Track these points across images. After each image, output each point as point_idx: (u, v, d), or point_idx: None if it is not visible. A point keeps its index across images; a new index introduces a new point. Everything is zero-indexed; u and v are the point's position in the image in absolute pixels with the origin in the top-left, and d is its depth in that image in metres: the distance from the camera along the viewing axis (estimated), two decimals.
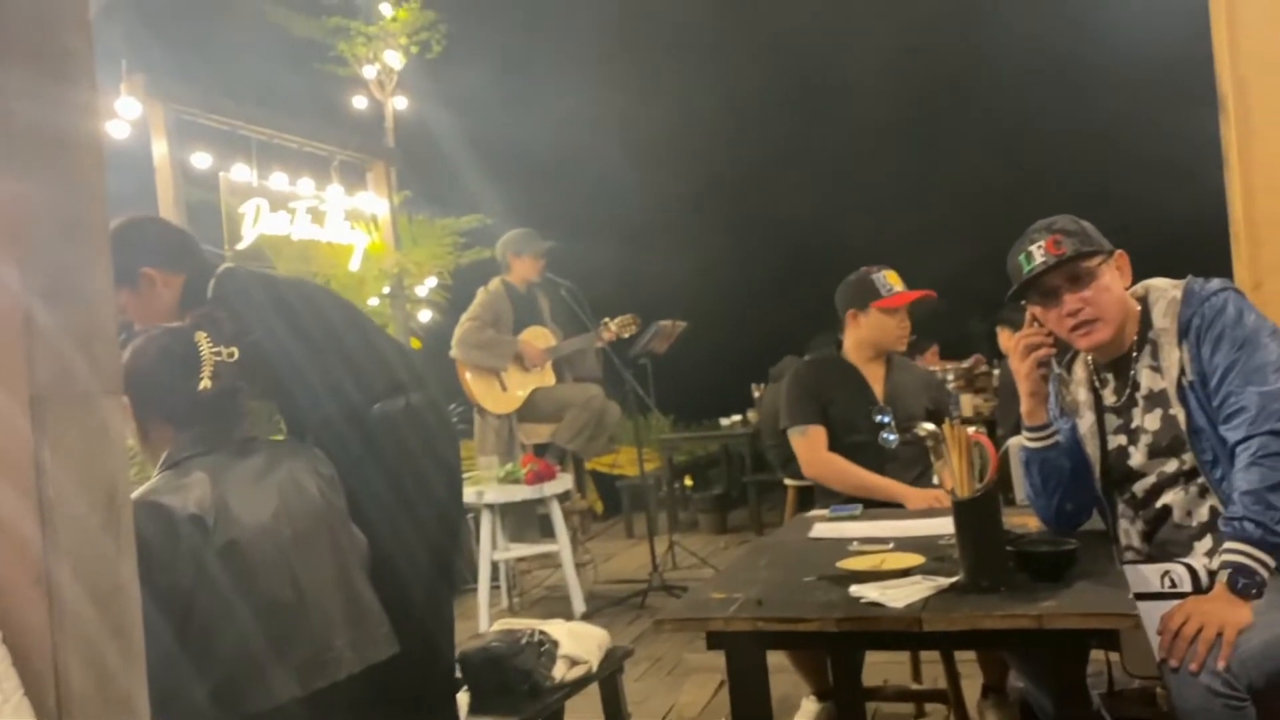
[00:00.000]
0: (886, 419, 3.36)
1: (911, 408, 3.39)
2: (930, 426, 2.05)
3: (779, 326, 8.05)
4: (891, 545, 2.39)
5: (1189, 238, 3.16)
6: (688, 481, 8.89)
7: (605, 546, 7.28)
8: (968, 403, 6.69)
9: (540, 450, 5.77)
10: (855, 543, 2.48)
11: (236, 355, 1.94)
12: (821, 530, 2.77)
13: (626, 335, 5.77)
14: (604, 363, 6.01)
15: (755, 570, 2.31)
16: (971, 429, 2.02)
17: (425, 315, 6.55)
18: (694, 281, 9.79)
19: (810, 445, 3.35)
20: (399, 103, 6.68)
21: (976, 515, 1.96)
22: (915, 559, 2.14)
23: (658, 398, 6.45)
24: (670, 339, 5.82)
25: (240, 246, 4.95)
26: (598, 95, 9.35)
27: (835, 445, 3.35)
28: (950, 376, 6.84)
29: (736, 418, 8.22)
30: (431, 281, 6.48)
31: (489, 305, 5.70)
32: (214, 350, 1.91)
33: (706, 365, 8.87)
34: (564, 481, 5.30)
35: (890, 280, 3.40)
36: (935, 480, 2.82)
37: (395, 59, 6.66)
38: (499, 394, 5.69)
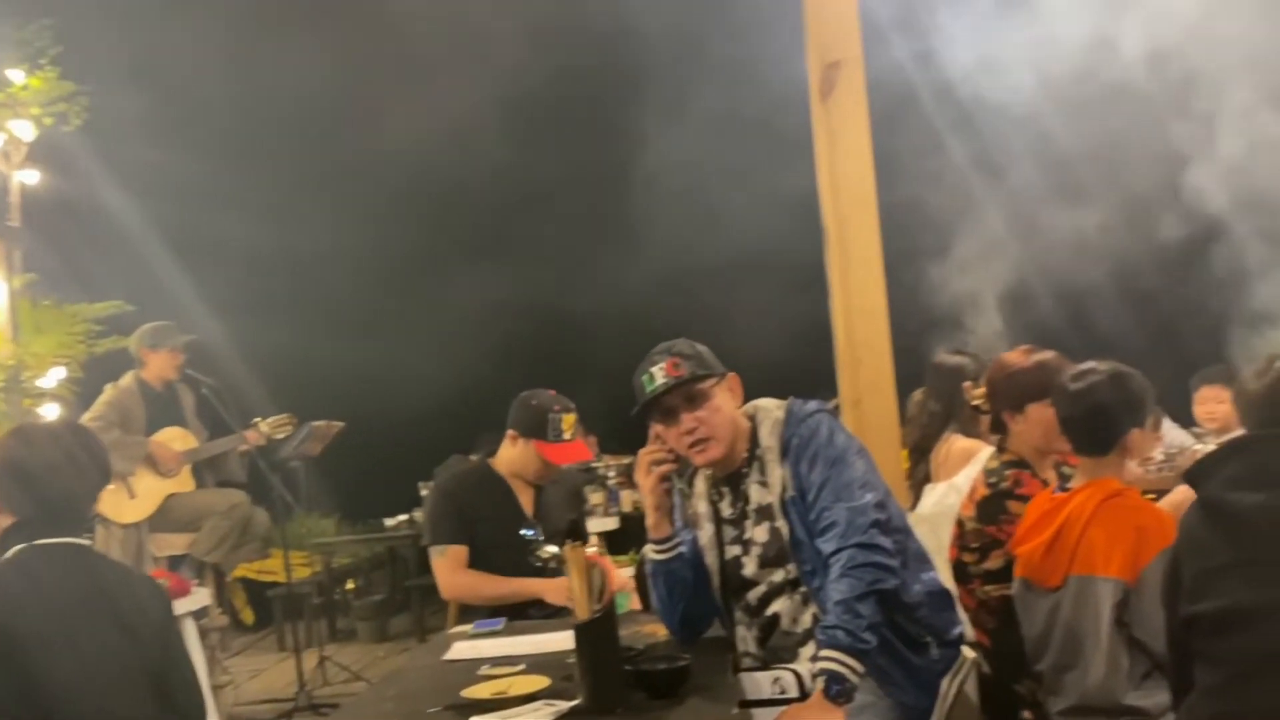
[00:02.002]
0: (535, 535, 3.32)
1: (560, 523, 3.40)
2: (551, 549, 2.07)
3: (449, 422, 7.95)
4: (523, 666, 2.36)
5: (822, 355, 3.44)
6: (350, 586, 8.47)
7: (252, 662, 6.75)
8: (628, 498, 6.87)
9: (175, 563, 5.27)
10: (487, 665, 2.43)
11: None
12: (459, 650, 2.70)
13: (280, 436, 5.45)
14: (252, 466, 5.64)
15: (381, 704, 2.21)
16: (591, 549, 2.05)
17: (52, 410, 5.86)
18: (367, 375, 9.48)
19: (448, 566, 3.27)
20: (28, 176, 6.03)
21: (594, 637, 1.97)
22: (541, 682, 2.12)
23: (321, 497, 6.13)
24: (326, 440, 5.57)
25: None
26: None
27: (485, 564, 3.28)
28: (612, 472, 7.01)
29: (402, 517, 7.95)
30: (60, 373, 5.82)
31: (116, 404, 5.19)
32: None
33: (375, 463, 8.57)
34: (199, 597, 4.85)
35: (565, 426, 3.34)
36: None
37: (26, 130, 6.02)
38: (125, 501, 5.16)
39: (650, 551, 2.43)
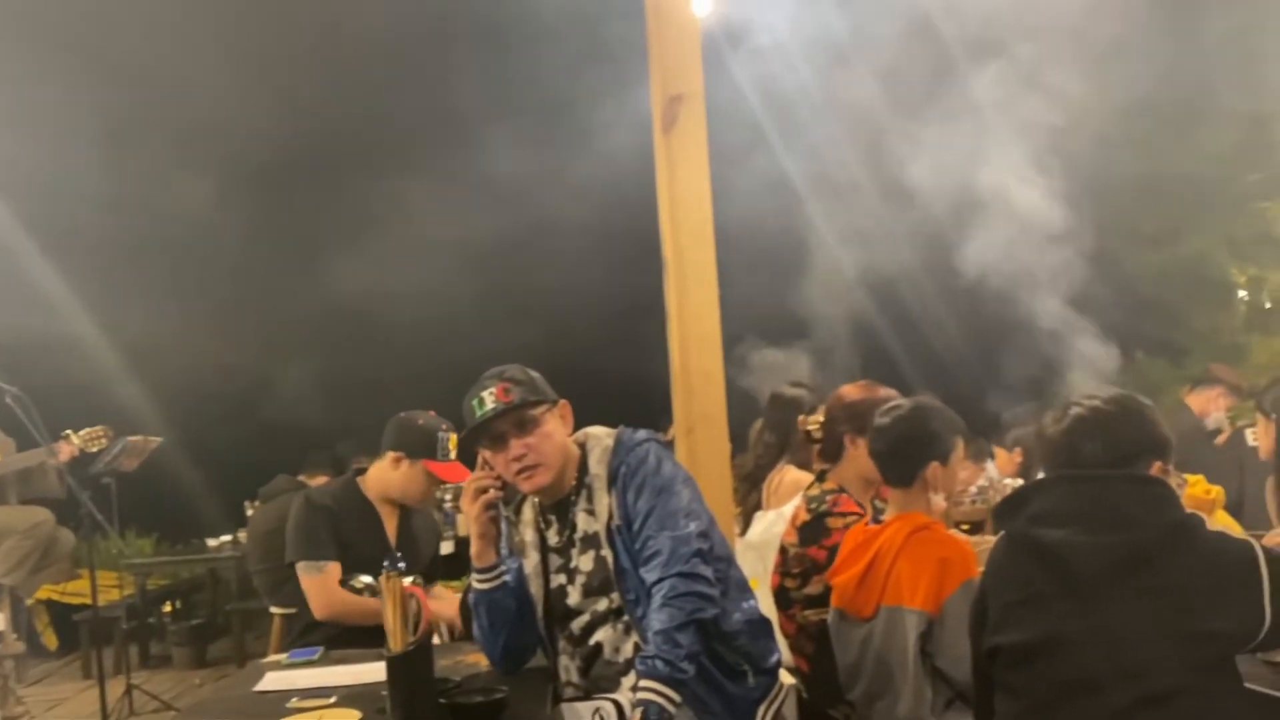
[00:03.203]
0: (399, 567, 3.19)
1: (424, 554, 3.30)
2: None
3: (276, 440, 7.64)
4: (335, 699, 2.28)
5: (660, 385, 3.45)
6: (167, 609, 8.02)
7: (53, 691, 6.29)
8: (464, 522, 6.77)
9: None
10: (297, 697, 2.33)
11: None
12: (271, 681, 2.58)
13: (94, 450, 5.12)
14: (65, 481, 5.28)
15: None
16: (408, 580, 2.00)
17: None
18: (195, 388, 9.03)
19: (326, 584, 3.07)
20: None
21: (408, 669, 1.92)
22: (353, 715, 2.05)
23: (140, 516, 5.79)
24: (142, 455, 5.27)
25: None
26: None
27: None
28: (449, 495, 6.90)
29: (226, 538, 7.59)
30: None
31: None
32: None
33: (199, 480, 8.19)
34: None
35: (451, 445, 3.21)
36: None
37: None
38: None
39: (473, 580, 2.39)
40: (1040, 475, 2.19)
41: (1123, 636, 1.79)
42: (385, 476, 3.23)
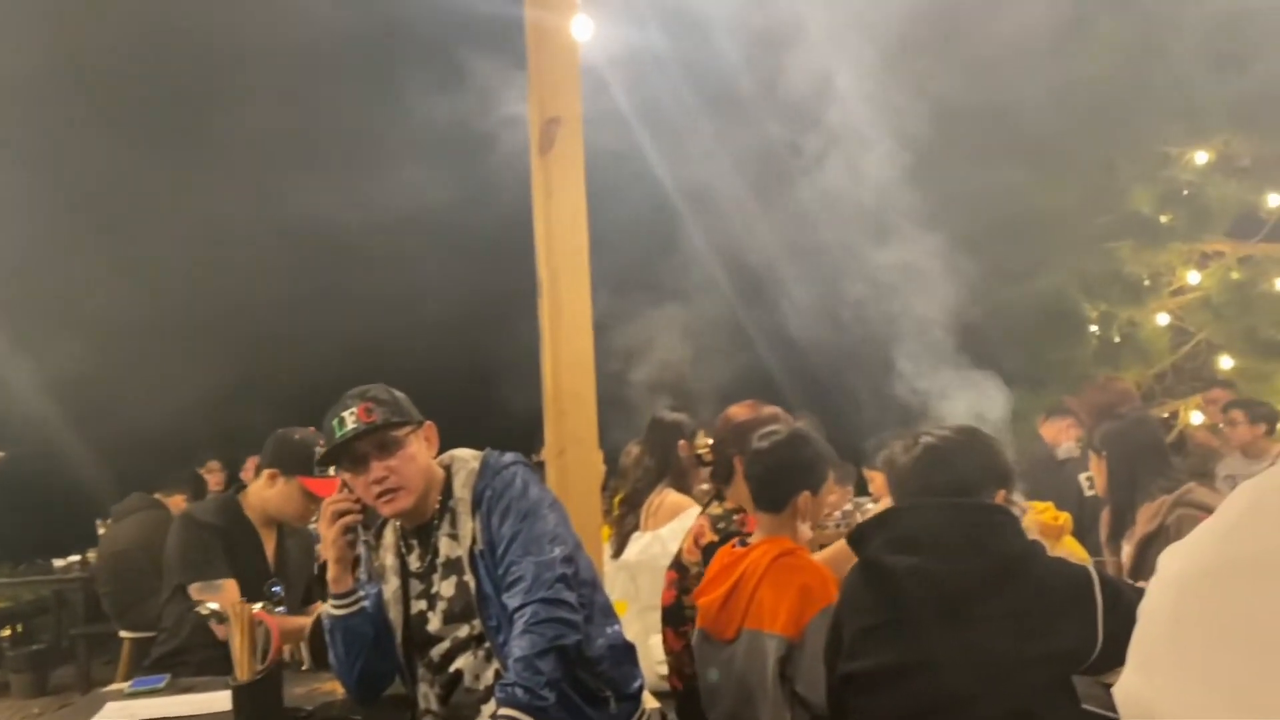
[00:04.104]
0: (278, 591, 3.06)
1: (303, 575, 3.18)
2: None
3: (131, 456, 7.29)
4: None
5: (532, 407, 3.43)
6: (6, 633, 7.55)
7: None
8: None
9: None
10: None
11: None
12: (112, 711, 2.45)
13: None
14: None
15: None
16: (257, 606, 1.92)
17: None
18: (41, 397, 8.54)
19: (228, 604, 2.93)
20: None
21: (255, 700, 1.85)
22: None
23: None
24: None
25: None
26: None
27: None
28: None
29: (74, 558, 7.20)
30: None
31: None
32: None
33: (46, 498, 7.74)
34: None
35: None
36: None
37: None
38: None
39: (330, 606, 2.31)
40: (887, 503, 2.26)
41: (968, 662, 1.85)
42: (263, 494, 3.13)
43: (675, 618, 2.99)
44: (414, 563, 2.39)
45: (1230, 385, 7.03)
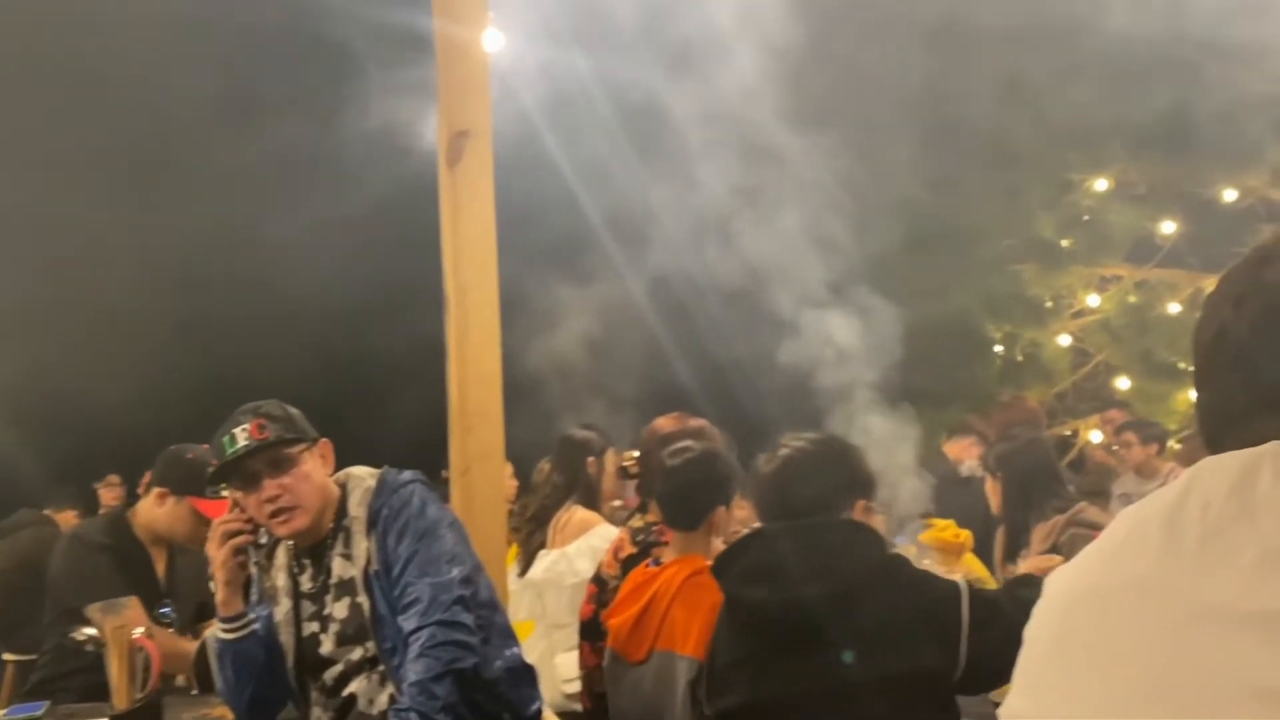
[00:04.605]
0: (170, 614, 2.94)
1: (195, 597, 3.05)
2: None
3: (29, 469, 7.00)
4: None
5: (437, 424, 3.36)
6: None
7: None
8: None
9: None
10: None
11: None
12: None
13: None
14: None
15: None
16: (138, 631, 1.85)
17: None
18: None
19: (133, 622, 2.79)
20: None
21: None
22: None
23: None
24: None
25: None
26: None
27: None
28: None
29: None
30: None
31: None
32: None
33: None
34: None
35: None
36: None
37: None
38: None
39: (219, 630, 2.24)
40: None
41: (823, 691, 1.83)
42: (152, 513, 3.03)
43: (593, 632, 2.96)
44: (306, 583, 2.33)
45: (1127, 406, 7.27)
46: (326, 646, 2.27)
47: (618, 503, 4.38)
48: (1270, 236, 0.99)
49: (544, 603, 3.72)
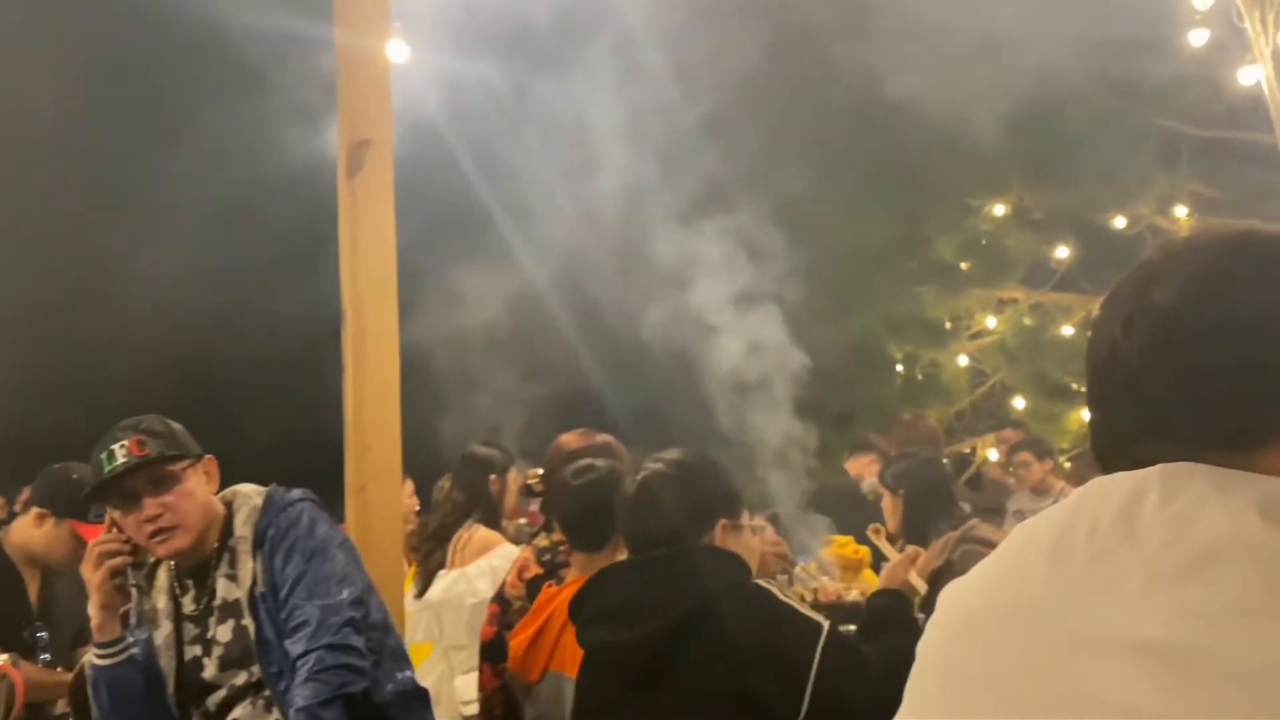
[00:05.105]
0: (44, 638, 2.77)
1: (73, 620, 2.90)
2: None
3: None
4: None
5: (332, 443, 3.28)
6: None
7: None
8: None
9: None
10: None
11: None
12: None
13: None
14: None
15: None
16: (3, 658, 1.75)
17: None
18: None
19: None
20: None
21: None
22: None
23: None
24: None
25: None
26: None
27: None
28: None
29: None
30: None
31: None
32: None
33: None
34: None
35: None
36: None
37: None
38: None
39: (94, 656, 2.13)
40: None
41: None
42: (28, 534, 2.87)
43: (494, 654, 2.90)
44: (188, 605, 2.24)
45: (1021, 425, 7.48)
46: (209, 671, 2.19)
47: (524, 520, 4.34)
48: (1156, 251, 0.98)
49: (442, 624, 3.66)
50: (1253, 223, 0.98)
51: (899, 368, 9.07)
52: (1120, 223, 8.22)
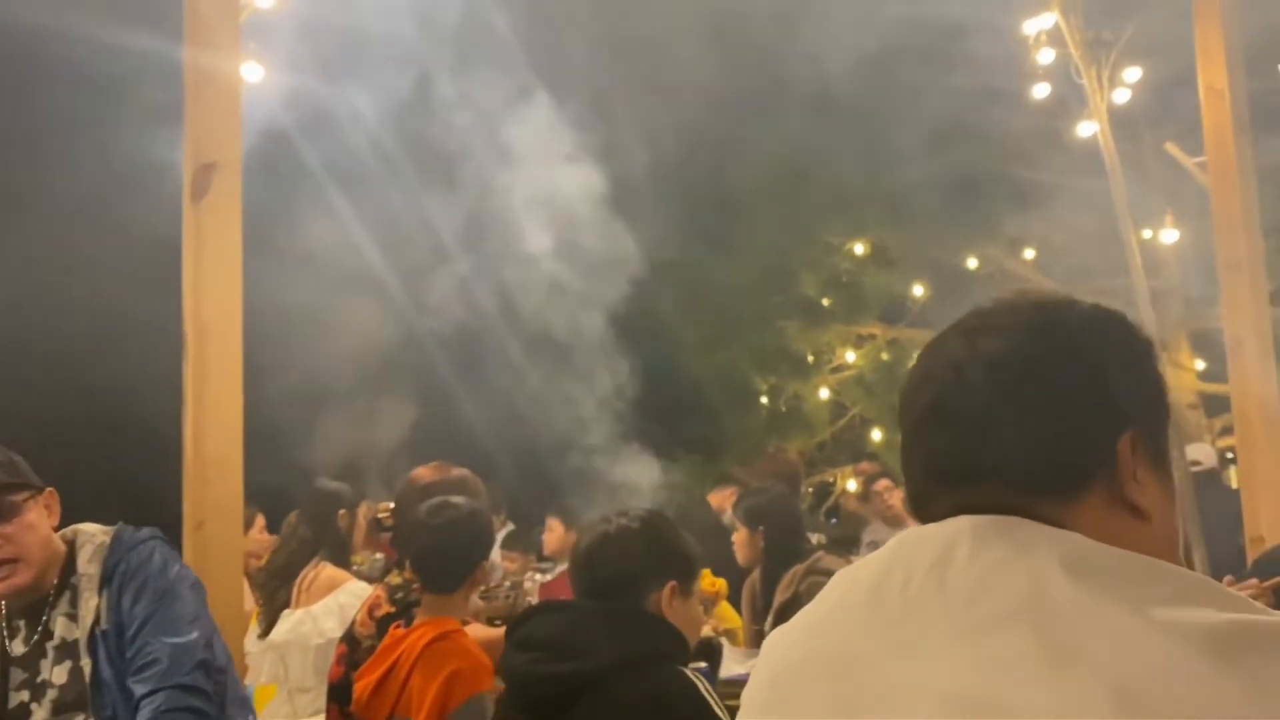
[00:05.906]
0: None
1: None
2: None
3: None
4: None
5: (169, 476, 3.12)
6: None
7: None
8: None
9: None
10: None
11: None
12: None
13: None
14: None
15: None
16: None
17: None
18: None
19: None
20: None
21: None
22: None
23: None
24: None
25: None
26: None
27: None
28: None
29: None
30: None
31: None
32: None
33: None
34: None
35: None
36: None
37: None
38: None
39: None
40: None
41: None
42: None
43: (342, 695, 2.79)
44: (17, 648, 2.10)
45: (877, 457, 7.70)
46: (39, 716, 2.06)
47: (379, 556, 4.21)
48: (978, 309, 1.01)
49: (287, 665, 3.52)
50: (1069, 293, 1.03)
51: (764, 400, 9.25)
52: (972, 263, 8.61)
